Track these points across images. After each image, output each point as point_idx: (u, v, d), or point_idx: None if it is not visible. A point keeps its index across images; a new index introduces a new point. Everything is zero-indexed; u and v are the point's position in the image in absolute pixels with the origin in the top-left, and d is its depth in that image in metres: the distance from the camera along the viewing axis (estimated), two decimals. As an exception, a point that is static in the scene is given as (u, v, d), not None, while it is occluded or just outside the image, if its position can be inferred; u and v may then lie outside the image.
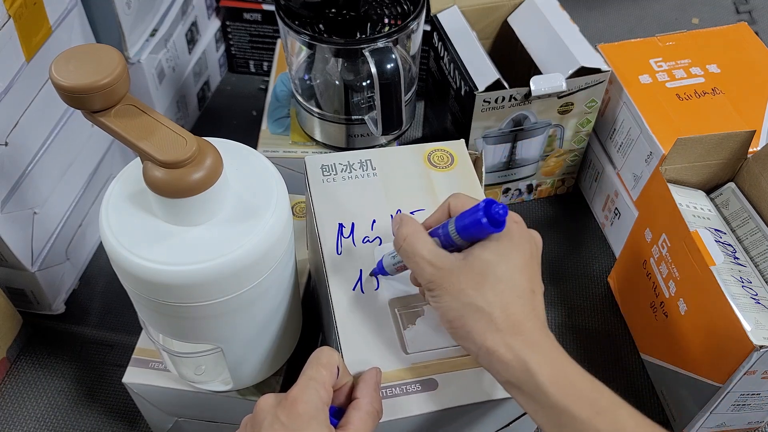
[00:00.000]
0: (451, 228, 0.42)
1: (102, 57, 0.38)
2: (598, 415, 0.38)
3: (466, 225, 0.41)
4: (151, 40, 0.77)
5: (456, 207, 0.44)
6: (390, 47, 0.62)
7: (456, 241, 0.42)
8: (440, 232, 0.43)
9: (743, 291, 0.56)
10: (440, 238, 0.43)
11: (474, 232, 0.41)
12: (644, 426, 0.38)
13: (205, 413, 0.58)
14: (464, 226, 0.41)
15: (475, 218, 0.41)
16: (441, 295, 0.42)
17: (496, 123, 0.72)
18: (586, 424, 0.38)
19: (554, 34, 0.73)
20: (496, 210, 0.40)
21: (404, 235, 0.43)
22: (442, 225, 0.43)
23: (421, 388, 0.44)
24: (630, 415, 0.38)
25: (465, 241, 0.42)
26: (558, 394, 0.38)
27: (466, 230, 0.42)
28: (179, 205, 0.40)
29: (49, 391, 0.68)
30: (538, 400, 0.39)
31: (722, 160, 0.64)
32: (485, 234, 0.41)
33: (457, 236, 0.42)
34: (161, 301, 0.42)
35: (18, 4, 0.57)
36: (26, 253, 0.66)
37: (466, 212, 0.42)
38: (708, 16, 1.11)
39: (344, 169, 0.55)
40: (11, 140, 0.60)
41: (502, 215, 0.40)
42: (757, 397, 0.58)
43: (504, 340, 0.40)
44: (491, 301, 0.40)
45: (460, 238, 0.42)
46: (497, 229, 0.41)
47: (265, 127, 0.77)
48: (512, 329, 0.40)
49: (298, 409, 0.38)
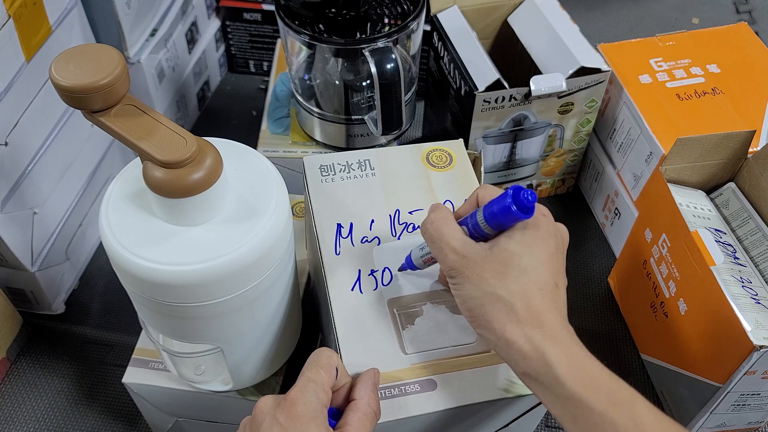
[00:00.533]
0: (479, 216, 0.42)
1: (102, 57, 0.38)
2: (615, 407, 0.38)
3: (495, 212, 0.42)
4: (151, 40, 0.78)
5: (484, 197, 0.44)
6: (390, 47, 0.62)
7: (484, 230, 0.42)
8: (468, 221, 0.43)
9: (743, 291, 0.56)
10: (468, 227, 0.43)
11: (502, 219, 0.42)
12: (662, 420, 0.38)
13: (205, 413, 0.58)
14: (492, 213, 0.42)
15: (504, 204, 0.41)
16: (462, 283, 0.42)
17: (496, 123, 0.72)
18: (603, 416, 0.37)
19: (554, 34, 0.73)
20: (524, 196, 0.41)
21: (432, 220, 0.44)
22: (471, 214, 0.44)
23: (419, 388, 0.44)
24: (648, 409, 0.38)
25: (493, 229, 0.42)
26: (575, 386, 0.38)
27: (494, 217, 0.42)
28: (179, 205, 0.40)
29: (49, 391, 0.68)
30: (555, 391, 0.39)
31: (722, 160, 0.64)
32: (513, 221, 0.42)
33: (485, 224, 0.42)
34: (161, 301, 0.42)
35: (18, 4, 0.57)
36: (26, 253, 0.66)
37: (495, 200, 0.42)
38: (708, 16, 1.11)
39: (343, 170, 0.55)
40: (11, 140, 0.60)
41: (531, 201, 0.41)
42: (757, 397, 0.58)
43: (524, 332, 0.40)
44: (513, 291, 0.40)
45: (488, 227, 0.42)
46: (526, 215, 0.41)
47: (265, 127, 0.77)
48: (533, 321, 0.40)
49: (297, 411, 0.38)
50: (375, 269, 0.49)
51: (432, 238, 0.44)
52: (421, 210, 0.53)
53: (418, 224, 0.52)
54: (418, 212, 0.53)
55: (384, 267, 0.50)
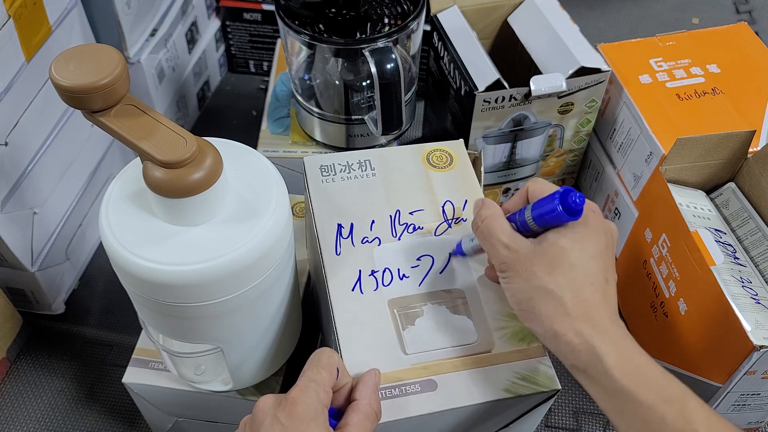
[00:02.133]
0: (527, 215, 0.43)
1: (102, 57, 0.38)
2: (665, 403, 0.37)
3: (542, 213, 0.42)
4: (151, 40, 0.78)
5: (534, 193, 0.45)
6: (390, 47, 0.62)
7: (532, 228, 0.43)
8: (517, 218, 0.44)
9: (743, 291, 0.56)
10: (516, 223, 0.44)
11: (549, 220, 0.42)
12: (713, 418, 0.38)
13: (205, 413, 0.58)
14: (540, 215, 0.42)
15: (551, 207, 0.41)
16: (512, 277, 0.43)
17: (496, 123, 0.72)
18: (653, 411, 0.37)
19: (554, 34, 0.73)
20: (572, 199, 0.41)
21: (483, 217, 0.45)
22: (519, 211, 0.44)
23: (420, 389, 0.44)
24: (700, 406, 0.38)
25: (540, 228, 0.43)
26: (624, 380, 0.38)
27: (541, 218, 0.42)
28: (179, 205, 0.40)
29: (49, 391, 0.68)
30: (603, 384, 0.39)
31: (722, 160, 0.64)
32: (561, 222, 0.42)
33: (533, 223, 0.43)
34: (161, 301, 0.42)
35: (18, 4, 0.57)
36: (26, 253, 0.66)
37: (543, 200, 0.43)
38: (708, 16, 1.11)
39: (343, 170, 0.55)
40: (11, 140, 0.60)
41: (579, 204, 0.41)
42: (757, 397, 0.58)
43: (573, 325, 0.40)
44: (563, 285, 0.41)
45: (536, 225, 0.43)
46: (573, 217, 0.41)
47: (265, 127, 0.77)
48: (582, 315, 0.40)
49: (298, 410, 0.38)
50: (375, 269, 0.49)
51: (483, 235, 0.45)
52: (421, 210, 0.53)
53: (418, 225, 0.52)
54: (419, 212, 0.53)
55: (384, 267, 0.50)
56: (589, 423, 0.66)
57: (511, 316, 0.48)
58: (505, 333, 0.47)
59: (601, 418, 0.66)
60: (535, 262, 0.42)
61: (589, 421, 0.66)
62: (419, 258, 0.50)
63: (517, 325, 0.47)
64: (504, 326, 0.47)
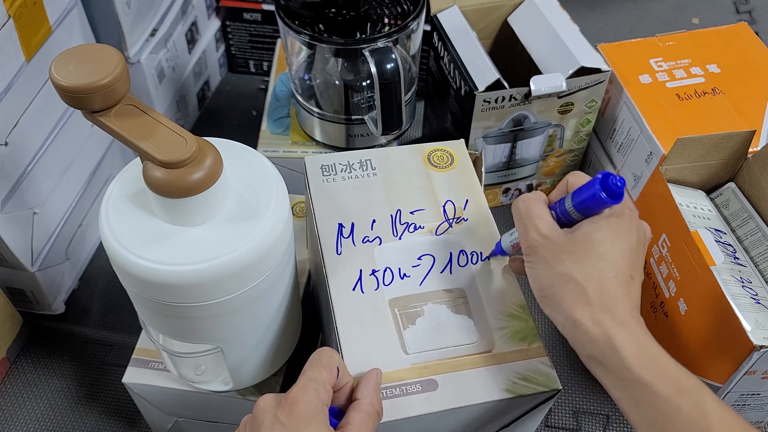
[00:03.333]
0: (568, 202, 0.43)
1: (102, 57, 0.38)
2: (681, 395, 0.38)
3: (584, 199, 0.42)
4: (151, 40, 0.77)
5: (574, 183, 0.45)
6: (390, 47, 0.62)
7: (572, 215, 0.43)
8: (557, 207, 0.44)
9: (743, 291, 0.56)
10: (557, 212, 0.44)
11: (591, 204, 0.42)
12: (727, 413, 0.38)
13: (205, 413, 0.58)
14: (581, 200, 0.43)
15: (593, 191, 0.42)
16: (536, 262, 0.43)
17: (496, 123, 0.72)
18: (668, 402, 0.38)
19: (554, 34, 0.73)
20: (613, 182, 0.41)
21: (524, 198, 0.45)
22: (559, 201, 0.44)
23: (421, 388, 0.44)
24: (714, 400, 0.38)
25: (581, 215, 0.43)
26: (641, 371, 0.38)
27: (583, 203, 0.43)
28: (179, 205, 0.40)
29: (49, 391, 0.68)
30: (619, 375, 0.39)
31: (722, 160, 0.64)
32: (602, 206, 0.42)
33: (573, 210, 0.43)
34: (161, 301, 0.42)
35: (18, 4, 0.57)
36: (26, 253, 0.66)
37: (583, 186, 0.43)
38: (708, 16, 1.11)
39: (344, 169, 0.55)
40: (11, 140, 0.60)
41: (620, 187, 0.41)
42: (757, 397, 0.58)
43: (593, 315, 0.40)
44: (588, 275, 0.41)
45: (577, 212, 0.43)
46: (614, 200, 0.42)
47: (265, 127, 0.77)
48: (603, 306, 0.40)
49: (298, 410, 0.38)
50: (376, 269, 0.49)
51: (520, 214, 0.45)
52: (422, 210, 0.53)
53: (419, 224, 0.52)
54: (420, 212, 0.53)
55: (385, 267, 0.50)
56: (589, 423, 0.66)
57: (512, 316, 0.48)
58: (506, 333, 0.47)
59: (601, 418, 0.66)
60: (564, 249, 0.42)
61: (589, 421, 0.66)
62: (420, 257, 0.50)
63: (518, 325, 0.47)
64: (505, 326, 0.47)
